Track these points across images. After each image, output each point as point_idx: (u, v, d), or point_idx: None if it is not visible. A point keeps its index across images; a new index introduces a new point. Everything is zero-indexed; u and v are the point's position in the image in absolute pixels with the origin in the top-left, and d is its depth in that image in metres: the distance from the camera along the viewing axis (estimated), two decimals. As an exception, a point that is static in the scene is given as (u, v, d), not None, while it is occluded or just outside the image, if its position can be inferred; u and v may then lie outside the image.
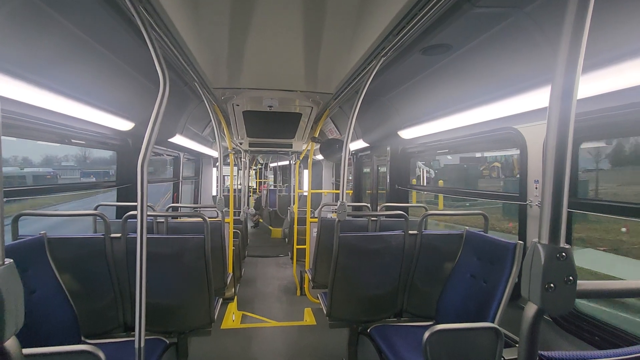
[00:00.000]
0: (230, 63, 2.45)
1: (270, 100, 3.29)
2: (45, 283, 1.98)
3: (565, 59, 0.70)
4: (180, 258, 2.28)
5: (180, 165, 5.72)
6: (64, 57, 2.01)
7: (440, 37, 1.99)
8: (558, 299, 0.69)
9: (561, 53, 0.71)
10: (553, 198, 0.70)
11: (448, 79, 2.56)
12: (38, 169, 7.52)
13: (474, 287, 2.21)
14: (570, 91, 0.70)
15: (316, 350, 3.37)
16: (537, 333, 0.71)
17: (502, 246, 2.05)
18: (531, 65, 1.89)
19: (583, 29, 0.69)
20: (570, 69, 0.70)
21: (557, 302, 0.69)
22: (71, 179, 18.23)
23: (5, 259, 0.65)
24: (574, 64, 0.70)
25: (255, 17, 1.78)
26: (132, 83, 2.77)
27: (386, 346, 2.22)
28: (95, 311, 2.24)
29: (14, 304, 0.65)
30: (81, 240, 2.21)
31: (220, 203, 3.35)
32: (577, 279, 0.70)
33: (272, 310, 4.43)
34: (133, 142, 3.56)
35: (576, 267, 0.71)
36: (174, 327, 2.38)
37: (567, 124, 0.70)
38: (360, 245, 2.49)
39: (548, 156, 0.72)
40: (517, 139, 2.35)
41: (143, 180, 1.47)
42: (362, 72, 2.35)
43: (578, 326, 1.95)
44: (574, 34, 0.69)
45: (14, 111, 2.07)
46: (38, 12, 1.63)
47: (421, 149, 3.99)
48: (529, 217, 2.30)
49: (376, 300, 2.61)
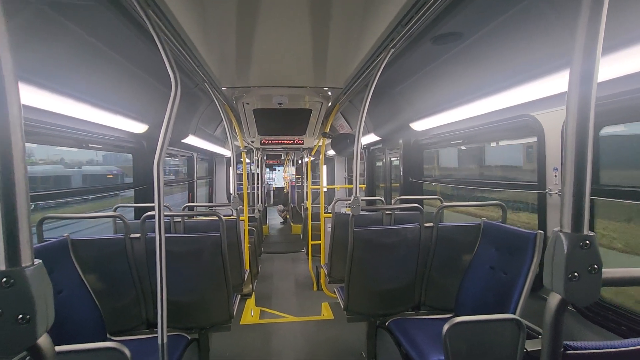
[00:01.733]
0: (238, 62, 2.46)
1: (280, 98, 3.29)
2: (71, 283, 2.05)
3: (583, 41, 0.68)
4: (198, 256, 2.32)
5: (194, 165, 5.81)
6: (78, 64, 2.06)
7: (451, 25, 1.94)
8: (582, 288, 0.67)
9: (579, 35, 0.68)
10: (575, 185, 0.68)
11: (460, 68, 2.51)
12: (96, 168, 7.60)
13: (493, 278, 2.17)
14: (590, 74, 0.68)
15: (335, 344, 3.39)
16: (561, 324, 0.70)
17: (522, 236, 2.01)
18: (546, 49, 1.83)
19: (601, 8, 0.66)
20: (589, 51, 0.67)
21: (582, 292, 0.67)
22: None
23: (35, 260, 0.67)
24: (593, 46, 0.67)
25: (261, 15, 1.78)
26: (145, 86, 2.82)
27: (405, 339, 2.21)
28: (119, 309, 2.31)
29: (45, 302, 0.67)
30: (103, 241, 2.27)
31: (235, 201, 3.39)
32: (602, 268, 0.68)
33: (290, 305, 4.47)
34: (148, 144, 3.63)
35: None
36: (194, 323, 2.43)
37: (587, 109, 0.68)
38: (375, 239, 2.48)
39: (568, 142, 0.70)
40: (534, 126, 2.29)
41: (159, 180, 1.50)
42: (371, 64, 2.32)
43: (603, 316, 1.90)
44: (592, 14, 0.67)
45: (33, 118, 2.14)
46: (52, 22, 1.67)
47: (434, 140, 3.93)
48: (548, 206, 2.25)
49: (393, 293, 2.60)
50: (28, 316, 0.64)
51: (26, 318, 0.64)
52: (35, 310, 0.64)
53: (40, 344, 0.66)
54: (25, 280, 0.64)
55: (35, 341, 0.65)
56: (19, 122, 0.64)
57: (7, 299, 0.63)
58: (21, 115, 0.65)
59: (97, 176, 7.35)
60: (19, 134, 0.64)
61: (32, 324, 0.64)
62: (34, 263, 0.67)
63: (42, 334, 0.67)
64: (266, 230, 8.96)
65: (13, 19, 1.51)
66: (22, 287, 0.64)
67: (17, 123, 0.64)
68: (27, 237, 0.65)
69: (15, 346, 0.64)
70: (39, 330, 0.66)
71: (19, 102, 0.64)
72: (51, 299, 0.69)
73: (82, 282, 2.11)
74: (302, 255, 6.98)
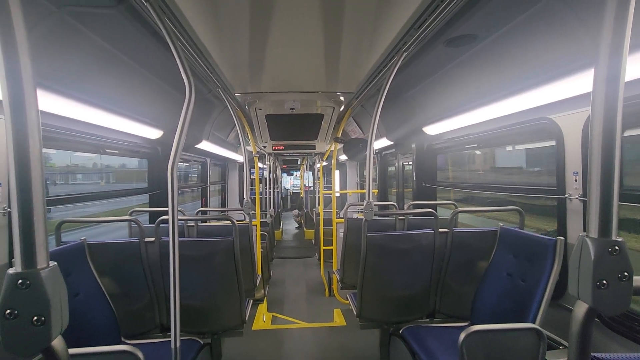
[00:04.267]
0: (251, 68, 2.48)
1: (292, 103, 3.31)
2: (87, 286, 2.09)
3: (609, 40, 0.65)
4: (211, 260, 2.33)
5: (208, 171, 5.88)
6: (96, 72, 2.12)
7: (465, 27, 1.91)
8: (612, 297, 0.63)
9: (605, 33, 0.65)
10: (602, 188, 0.65)
11: (474, 70, 2.47)
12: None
13: (511, 286, 2.11)
14: (617, 74, 0.65)
15: (347, 351, 3.34)
16: (589, 334, 0.66)
17: (541, 243, 1.94)
18: (564, 50, 1.78)
19: (629, 4, 0.63)
20: (615, 49, 0.65)
21: (611, 300, 0.63)
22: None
23: (50, 262, 0.68)
24: (620, 44, 0.64)
25: (274, 22, 1.79)
26: (160, 93, 2.87)
27: (419, 348, 2.16)
28: (133, 312, 2.34)
29: (59, 304, 0.68)
30: (118, 245, 2.31)
31: (248, 206, 3.41)
32: (633, 275, 0.64)
33: (302, 311, 4.44)
34: (162, 150, 3.69)
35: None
36: (207, 328, 2.44)
37: (614, 110, 0.65)
38: (389, 245, 2.44)
39: (594, 145, 0.67)
40: (552, 129, 2.23)
41: (173, 185, 1.52)
42: (383, 68, 2.31)
43: (629, 326, 1.81)
44: (619, 10, 0.64)
45: (53, 124, 2.20)
46: (73, 31, 1.72)
47: (448, 144, 3.87)
48: (568, 211, 2.17)
49: (407, 300, 2.55)
50: (43, 318, 0.65)
51: (41, 320, 0.64)
52: (50, 312, 0.65)
53: (54, 346, 0.67)
54: (41, 282, 0.65)
55: (49, 343, 0.66)
56: (36, 126, 0.65)
57: (23, 301, 0.64)
58: (39, 120, 0.66)
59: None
60: (36, 138, 0.65)
61: (47, 326, 0.65)
62: (49, 265, 0.68)
63: (57, 336, 0.67)
64: (278, 235, 8.97)
65: (37, 28, 1.56)
66: (38, 289, 0.65)
67: (34, 128, 0.65)
68: (43, 239, 0.66)
69: (31, 348, 0.65)
70: (54, 332, 0.66)
71: (36, 107, 0.66)
72: (66, 301, 0.70)
73: (98, 285, 2.15)
74: (314, 260, 6.95)
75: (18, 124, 0.63)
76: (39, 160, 0.65)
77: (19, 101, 0.63)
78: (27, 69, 0.63)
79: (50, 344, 0.66)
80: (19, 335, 0.64)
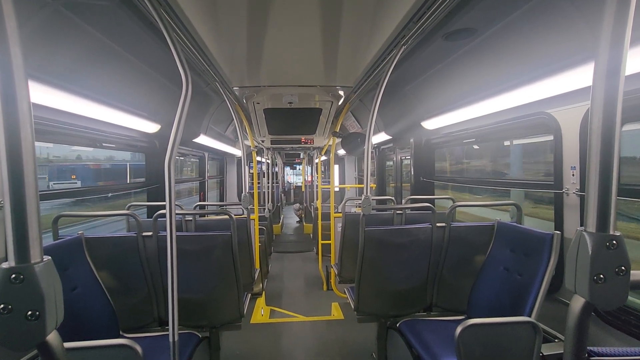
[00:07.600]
0: (249, 61, 2.46)
1: (290, 97, 3.29)
2: (85, 280, 2.09)
3: (610, 33, 0.64)
4: (209, 254, 2.33)
5: (205, 165, 5.86)
6: (92, 64, 2.09)
7: (464, 20, 1.90)
8: (609, 291, 0.64)
9: (605, 25, 0.65)
10: (600, 182, 0.65)
11: (473, 64, 2.46)
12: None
13: (507, 280, 2.12)
14: (617, 68, 0.64)
15: (345, 344, 3.37)
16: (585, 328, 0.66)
17: (538, 237, 1.95)
18: (564, 44, 1.77)
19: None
20: (616, 43, 0.64)
21: (608, 294, 0.64)
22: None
23: (44, 256, 0.67)
24: (620, 37, 0.64)
25: (272, 15, 1.77)
26: (157, 86, 2.84)
27: (416, 341, 2.18)
28: (131, 306, 2.34)
29: (54, 299, 0.67)
30: (116, 239, 2.30)
31: (246, 200, 3.40)
32: (630, 269, 0.64)
33: (300, 305, 4.46)
34: (160, 144, 3.67)
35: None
36: (205, 321, 2.44)
37: (614, 104, 0.65)
38: (386, 239, 2.45)
39: (593, 139, 0.66)
40: (550, 124, 2.23)
41: (170, 179, 1.51)
42: (382, 62, 2.29)
43: (625, 320, 1.83)
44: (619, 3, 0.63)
45: (49, 117, 2.18)
46: (68, 22, 1.70)
47: (446, 139, 3.87)
48: (565, 205, 2.18)
49: (405, 294, 2.57)
50: (37, 313, 0.64)
51: (36, 315, 0.64)
52: (44, 307, 0.65)
53: (49, 341, 0.66)
54: (35, 276, 0.64)
55: (44, 338, 0.65)
56: (28, 119, 0.64)
57: (17, 295, 0.63)
58: (31, 112, 0.65)
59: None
60: (28, 130, 0.64)
61: (41, 321, 0.64)
62: (44, 260, 0.67)
63: (52, 331, 0.67)
64: (277, 230, 8.99)
65: (32, 20, 1.54)
66: (32, 284, 0.64)
67: (26, 120, 0.64)
68: (36, 233, 0.65)
69: (25, 343, 0.64)
70: (49, 327, 0.66)
71: (28, 99, 0.64)
72: (61, 296, 0.70)
73: (96, 279, 2.14)
74: (312, 255, 6.97)
75: (9, 117, 0.62)
76: (31, 153, 0.64)
77: (10, 93, 0.61)
78: (18, 61, 0.62)
79: (45, 338, 0.66)
80: (13, 330, 0.63)
